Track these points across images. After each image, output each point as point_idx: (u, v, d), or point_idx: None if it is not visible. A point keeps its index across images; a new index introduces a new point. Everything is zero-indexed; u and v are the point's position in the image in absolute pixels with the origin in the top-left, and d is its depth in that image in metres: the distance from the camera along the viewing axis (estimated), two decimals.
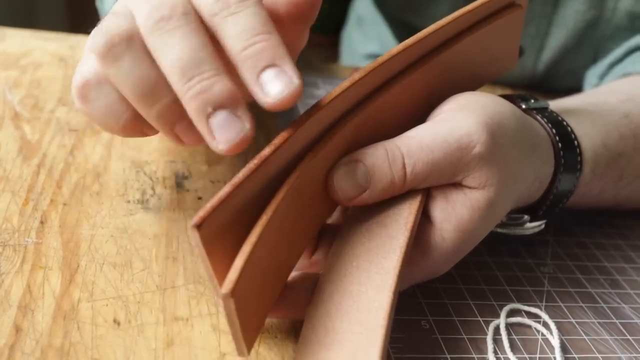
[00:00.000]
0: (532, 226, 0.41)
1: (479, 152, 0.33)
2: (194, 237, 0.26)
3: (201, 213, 0.26)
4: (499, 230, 0.39)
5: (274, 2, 0.32)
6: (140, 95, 0.30)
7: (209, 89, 0.28)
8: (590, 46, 0.68)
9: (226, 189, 0.27)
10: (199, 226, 0.25)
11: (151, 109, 0.30)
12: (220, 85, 0.28)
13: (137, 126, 0.33)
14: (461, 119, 0.34)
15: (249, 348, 0.28)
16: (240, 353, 0.28)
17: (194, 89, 0.28)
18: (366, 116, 0.34)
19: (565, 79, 0.71)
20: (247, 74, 0.29)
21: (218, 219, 0.26)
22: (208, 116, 0.28)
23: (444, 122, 0.34)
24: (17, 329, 0.30)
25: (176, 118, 0.30)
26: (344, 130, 0.33)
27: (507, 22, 0.40)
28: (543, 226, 0.41)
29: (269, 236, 0.28)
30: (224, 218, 0.27)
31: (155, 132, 0.34)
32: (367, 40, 0.92)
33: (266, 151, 0.29)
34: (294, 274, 0.33)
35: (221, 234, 0.27)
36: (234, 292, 0.25)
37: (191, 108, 0.28)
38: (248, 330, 0.28)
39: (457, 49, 0.37)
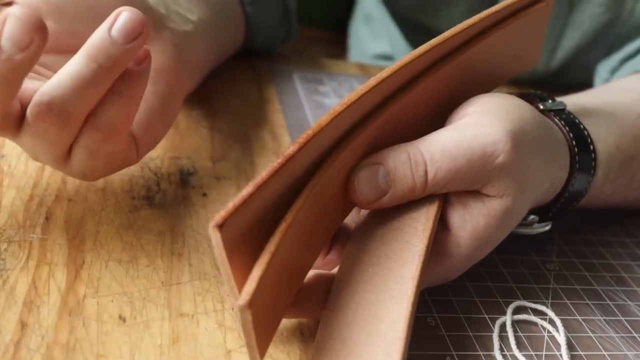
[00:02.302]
0: (539, 226, 0.41)
1: (502, 162, 0.33)
2: (215, 237, 0.25)
3: (223, 213, 0.25)
4: None
5: None
6: None
7: None
8: (605, 45, 0.67)
9: (249, 188, 0.26)
10: (220, 226, 0.24)
11: None
12: None
13: None
14: (486, 126, 0.33)
15: (262, 355, 0.28)
16: (252, 359, 0.28)
17: None
18: (389, 116, 0.33)
19: (578, 74, 0.71)
20: None
21: (240, 220, 0.25)
22: None
23: (469, 128, 0.34)
24: (23, 325, 0.30)
25: None
26: (367, 130, 0.32)
27: (532, 18, 0.40)
28: (549, 226, 0.41)
29: (287, 242, 0.28)
30: (245, 219, 0.26)
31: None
32: (376, 39, 0.91)
33: (290, 150, 0.28)
34: (310, 273, 0.33)
35: (242, 235, 0.26)
36: (252, 304, 0.25)
37: None
38: (262, 337, 0.27)
39: (482, 47, 0.37)
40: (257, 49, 0.64)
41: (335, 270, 0.33)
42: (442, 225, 0.34)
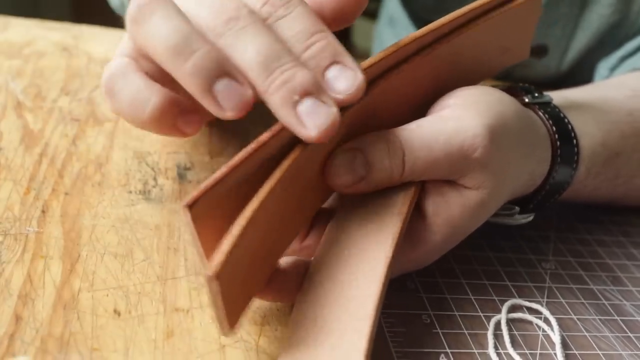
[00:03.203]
0: (522, 217, 0.41)
1: (479, 156, 0.33)
2: (185, 216, 0.26)
3: (195, 193, 0.26)
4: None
5: (318, 2, 0.32)
6: (173, 47, 0.29)
7: (292, 78, 0.28)
8: (613, 45, 0.67)
9: (222, 169, 0.27)
10: (190, 206, 0.26)
11: (186, 62, 0.29)
12: (303, 74, 0.28)
13: (166, 115, 0.32)
14: (466, 120, 0.34)
15: (231, 328, 0.28)
16: (222, 332, 0.28)
17: (279, 80, 0.28)
18: (369, 102, 0.33)
19: (587, 75, 0.71)
20: None
21: (211, 200, 0.26)
22: (295, 105, 0.28)
23: (449, 121, 0.34)
24: (17, 318, 0.30)
25: (215, 73, 0.29)
26: (345, 115, 0.32)
27: (522, 11, 0.39)
28: (532, 217, 0.41)
29: (260, 219, 0.28)
30: (218, 200, 0.27)
31: (190, 126, 0.33)
32: None
33: (264, 136, 0.29)
34: (286, 259, 0.33)
35: (213, 213, 0.27)
36: (219, 275, 0.25)
37: (277, 99, 0.28)
38: (231, 310, 0.27)
39: (468, 37, 0.37)
40: None
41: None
42: (417, 213, 0.35)
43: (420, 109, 0.37)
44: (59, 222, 0.36)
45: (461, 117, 0.34)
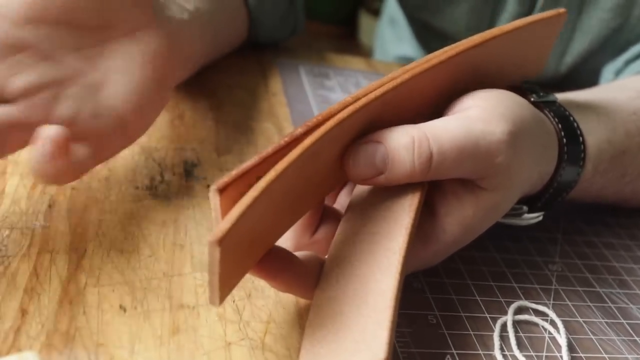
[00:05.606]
0: (530, 217, 0.41)
1: (500, 161, 0.33)
2: (214, 201, 0.26)
3: (226, 179, 0.26)
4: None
5: None
6: None
7: None
8: (614, 50, 0.67)
9: (253, 160, 0.27)
10: (221, 191, 0.26)
11: None
12: None
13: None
14: (493, 124, 0.33)
15: (222, 299, 0.27)
16: (212, 302, 0.27)
17: None
18: (393, 96, 0.33)
19: (587, 78, 0.71)
20: None
21: (238, 188, 0.27)
22: None
23: (477, 122, 0.33)
24: (23, 312, 0.30)
25: None
26: (370, 106, 0.32)
27: (543, 26, 0.39)
28: (541, 217, 0.41)
29: (273, 194, 0.27)
30: (244, 186, 0.27)
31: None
32: (399, 42, 0.91)
33: (299, 130, 0.29)
34: (301, 253, 0.32)
35: (238, 199, 0.27)
36: (222, 241, 0.25)
37: None
38: (226, 281, 0.27)
39: (490, 45, 0.37)
40: (261, 42, 0.64)
41: None
42: (429, 211, 0.35)
43: (436, 108, 0.37)
44: (66, 217, 0.36)
45: (487, 120, 0.34)
